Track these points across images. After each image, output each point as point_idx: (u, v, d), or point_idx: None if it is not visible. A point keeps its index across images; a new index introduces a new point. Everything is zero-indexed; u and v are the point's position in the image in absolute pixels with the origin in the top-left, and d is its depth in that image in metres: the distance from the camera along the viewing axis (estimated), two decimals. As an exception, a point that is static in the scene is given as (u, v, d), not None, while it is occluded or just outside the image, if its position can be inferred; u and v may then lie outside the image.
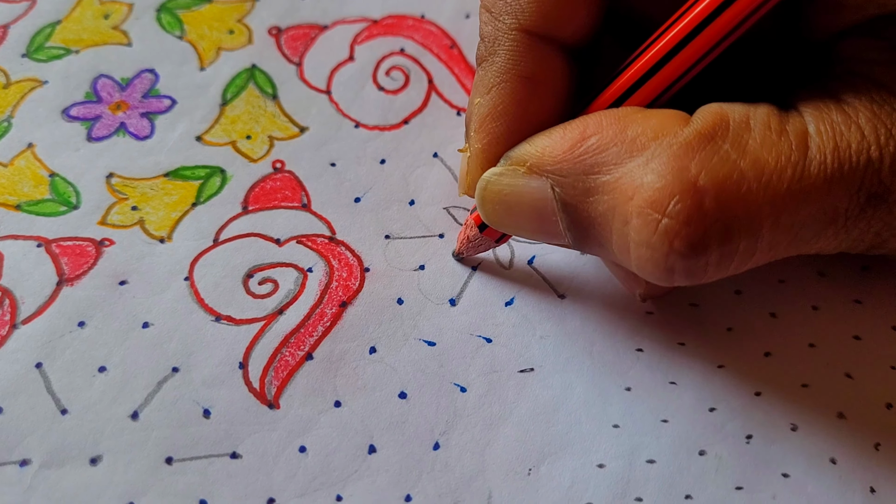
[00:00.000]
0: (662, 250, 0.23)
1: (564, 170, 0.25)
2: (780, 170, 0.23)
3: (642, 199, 0.23)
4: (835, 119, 0.24)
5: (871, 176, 0.23)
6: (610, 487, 0.27)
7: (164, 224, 0.32)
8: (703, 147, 0.23)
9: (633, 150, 0.24)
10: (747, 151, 0.23)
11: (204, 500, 0.26)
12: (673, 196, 0.23)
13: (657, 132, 0.24)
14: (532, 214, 0.26)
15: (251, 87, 0.36)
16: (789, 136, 0.23)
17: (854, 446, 0.28)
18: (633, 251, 0.24)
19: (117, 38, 0.37)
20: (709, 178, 0.23)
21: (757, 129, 0.24)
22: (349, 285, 0.31)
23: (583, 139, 0.25)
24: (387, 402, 0.28)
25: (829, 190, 0.23)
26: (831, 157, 0.23)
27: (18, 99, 0.35)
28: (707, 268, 0.24)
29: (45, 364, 0.28)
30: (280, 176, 0.33)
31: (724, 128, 0.24)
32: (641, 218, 0.23)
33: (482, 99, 0.27)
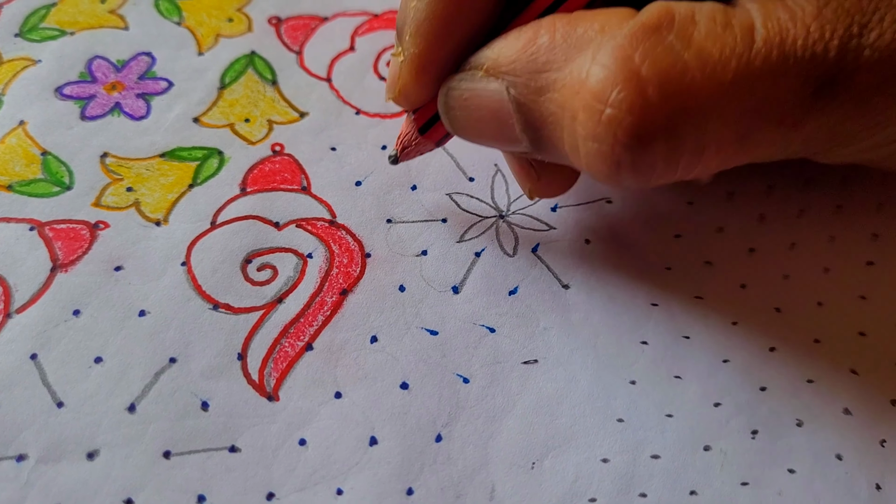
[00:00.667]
0: (608, 141, 0.23)
1: (518, 69, 0.25)
2: (724, 60, 0.23)
3: (587, 91, 0.23)
4: (780, 16, 0.24)
5: (817, 69, 0.23)
6: (614, 482, 0.27)
7: (160, 206, 0.31)
8: (648, 38, 0.23)
9: (581, 45, 0.24)
10: (692, 43, 0.23)
11: (202, 494, 0.26)
12: (616, 85, 0.23)
13: (603, 26, 0.24)
14: (491, 118, 0.26)
15: (250, 72, 0.35)
16: (734, 29, 0.23)
17: (860, 442, 0.28)
18: (581, 147, 0.24)
19: (114, 22, 0.36)
20: (652, 67, 0.23)
21: (702, 21, 0.24)
22: (350, 272, 0.30)
23: (535, 39, 0.25)
24: (388, 393, 0.28)
25: (774, 81, 0.23)
26: (777, 50, 0.23)
27: (10, 77, 0.34)
28: (654, 163, 0.24)
29: (39, 355, 0.28)
30: (279, 158, 0.33)
31: (669, 20, 0.23)
32: (587, 111, 0.23)
33: (418, 3, 0.26)
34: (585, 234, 0.31)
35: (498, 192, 0.32)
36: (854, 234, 0.32)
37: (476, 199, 0.32)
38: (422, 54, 0.27)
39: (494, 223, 0.32)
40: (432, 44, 0.27)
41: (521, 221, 0.32)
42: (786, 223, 0.32)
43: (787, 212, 0.32)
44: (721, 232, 0.31)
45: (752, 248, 0.31)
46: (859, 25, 0.23)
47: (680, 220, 0.32)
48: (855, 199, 0.32)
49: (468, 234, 0.31)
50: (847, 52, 0.23)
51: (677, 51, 0.23)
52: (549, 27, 0.25)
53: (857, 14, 0.24)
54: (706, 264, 0.31)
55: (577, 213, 0.32)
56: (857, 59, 0.23)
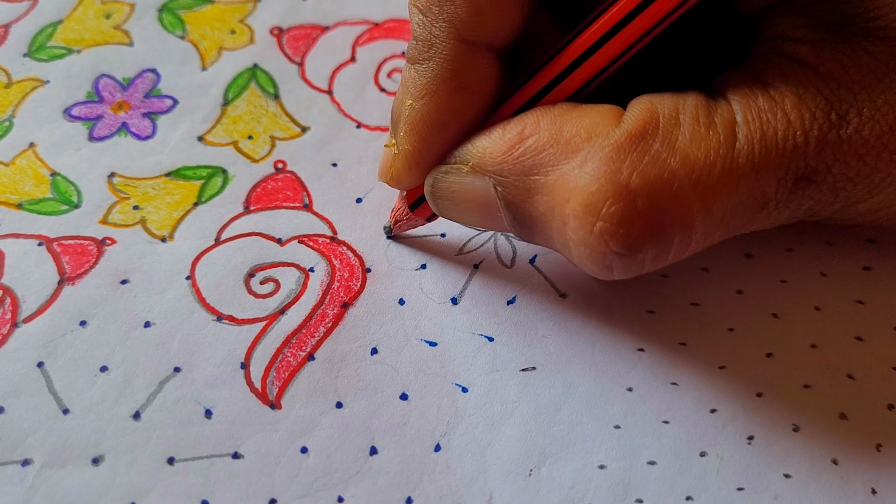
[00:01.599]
0: (599, 250, 0.24)
1: (505, 171, 0.26)
2: (709, 165, 0.24)
3: (577, 202, 0.24)
4: (761, 106, 0.24)
5: (798, 160, 0.24)
6: (611, 488, 0.27)
7: (165, 223, 0.32)
8: (635, 148, 0.24)
9: (569, 152, 0.25)
10: (677, 149, 0.24)
11: (206, 500, 0.26)
12: (606, 199, 0.24)
13: (590, 132, 0.25)
14: (479, 209, 0.27)
15: (253, 86, 0.36)
16: (717, 129, 0.24)
17: (856, 447, 0.28)
18: (573, 249, 0.25)
19: (119, 38, 0.37)
20: (640, 179, 0.24)
21: (686, 123, 0.24)
22: (351, 286, 0.31)
23: (520, 140, 0.26)
24: (388, 404, 0.28)
25: (758, 178, 0.24)
26: (759, 145, 0.24)
27: (20, 98, 0.35)
28: (644, 262, 0.25)
29: (46, 363, 0.28)
30: (282, 176, 0.33)
31: (654, 126, 0.24)
32: (577, 220, 0.24)
33: (415, 103, 0.27)
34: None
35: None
36: (851, 239, 0.32)
37: (475, 213, 0.33)
38: (415, 151, 0.28)
39: (492, 236, 0.32)
40: (425, 142, 0.28)
41: (520, 234, 0.32)
42: (782, 228, 0.31)
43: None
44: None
45: (749, 254, 0.32)
46: (838, 115, 0.24)
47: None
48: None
49: (467, 247, 0.32)
50: (826, 143, 0.24)
51: (664, 159, 0.24)
52: (534, 126, 0.26)
53: (835, 103, 0.24)
54: (702, 271, 0.31)
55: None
56: (835, 154, 0.24)
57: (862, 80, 0.24)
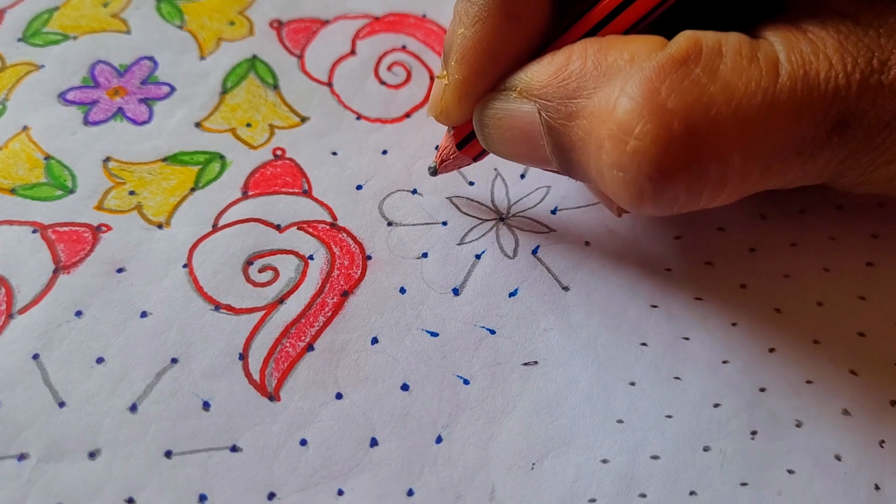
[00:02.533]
0: (632, 171, 0.24)
1: (549, 94, 0.26)
2: (749, 94, 0.24)
3: (614, 121, 0.24)
4: (804, 49, 0.24)
5: (839, 103, 0.24)
6: (614, 483, 0.27)
7: (162, 209, 0.31)
8: (675, 71, 0.24)
9: (610, 74, 0.25)
10: (718, 76, 0.24)
11: (204, 493, 0.26)
12: (642, 118, 0.23)
13: (633, 56, 0.25)
14: (523, 138, 0.27)
15: (252, 76, 0.35)
16: (760, 63, 0.24)
17: (859, 443, 0.28)
18: (606, 174, 0.25)
19: (116, 26, 0.36)
20: (678, 100, 0.23)
21: (729, 55, 0.24)
22: (351, 274, 0.30)
23: (567, 65, 0.26)
24: (389, 395, 0.28)
25: (798, 116, 0.24)
26: (801, 84, 0.24)
27: (14, 82, 0.34)
28: (677, 193, 0.24)
29: (42, 355, 0.28)
30: (280, 163, 0.33)
31: (696, 53, 0.24)
32: (612, 140, 0.24)
33: (466, 31, 0.27)
34: (585, 237, 0.31)
35: (498, 195, 0.33)
36: (854, 234, 0.32)
37: (476, 202, 0.32)
38: (465, 80, 0.28)
39: (495, 226, 0.32)
40: (476, 71, 0.28)
41: (522, 224, 0.32)
42: (786, 223, 0.32)
43: (787, 212, 0.32)
44: (721, 232, 0.32)
45: (753, 248, 0.31)
46: (879, 61, 0.24)
47: (680, 222, 0.32)
48: (855, 200, 0.32)
49: (468, 236, 0.31)
50: (867, 88, 0.24)
51: (704, 84, 0.24)
52: (580, 53, 0.26)
53: (876, 50, 0.24)
54: (706, 265, 0.31)
55: (576, 215, 0.32)
56: (874, 98, 0.24)
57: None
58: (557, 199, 0.32)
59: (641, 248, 0.31)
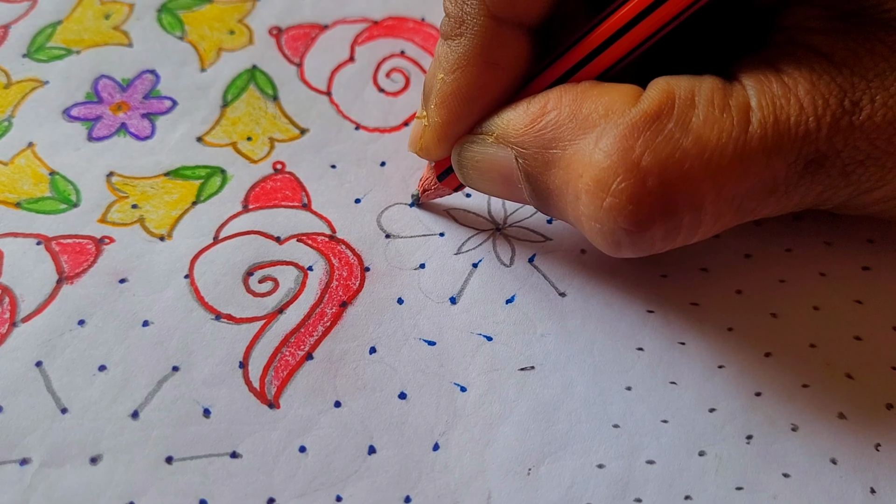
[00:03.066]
0: (609, 225, 0.25)
1: (526, 143, 0.26)
2: (721, 146, 0.24)
3: (589, 177, 0.25)
4: (775, 92, 0.25)
5: (809, 145, 0.24)
6: (609, 488, 0.27)
7: (164, 222, 0.32)
8: (649, 127, 0.24)
9: (586, 128, 0.25)
10: (690, 130, 0.24)
11: (204, 499, 0.26)
12: (617, 175, 0.24)
13: (608, 109, 0.25)
14: (501, 180, 0.28)
15: (252, 88, 0.36)
16: (731, 112, 0.24)
17: (855, 447, 0.28)
18: (584, 224, 0.26)
19: (118, 39, 0.37)
20: (652, 157, 0.24)
21: (701, 105, 0.25)
22: (349, 285, 0.31)
23: (542, 114, 0.26)
24: (387, 403, 0.28)
25: (769, 161, 0.24)
26: (771, 130, 0.24)
27: (19, 99, 0.35)
28: (653, 241, 0.25)
29: (45, 363, 0.28)
30: (280, 177, 0.33)
31: (669, 106, 0.25)
32: (589, 195, 0.25)
33: (446, 77, 0.28)
34: (581, 245, 0.32)
35: (494, 206, 0.33)
36: (850, 239, 0.32)
37: (473, 213, 0.33)
38: (444, 123, 0.29)
39: (491, 235, 0.32)
40: (454, 115, 0.28)
41: (518, 234, 0.32)
42: (782, 229, 0.32)
43: (783, 217, 0.32)
44: (717, 238, 0.32)
45: (748, 254, 0.31)
46: (851, 102, 0.25)
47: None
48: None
49: (465, 246, 0.32)
50: (838, 129, 0.24)
51: (676, 139, 0.24)
52: (556, 102, 0.26)
53: (849, 90, 0.25)
54: (702, 271, 0.31)
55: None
56: (846, 138, 0.25)
57: (875, 68, 0.25)
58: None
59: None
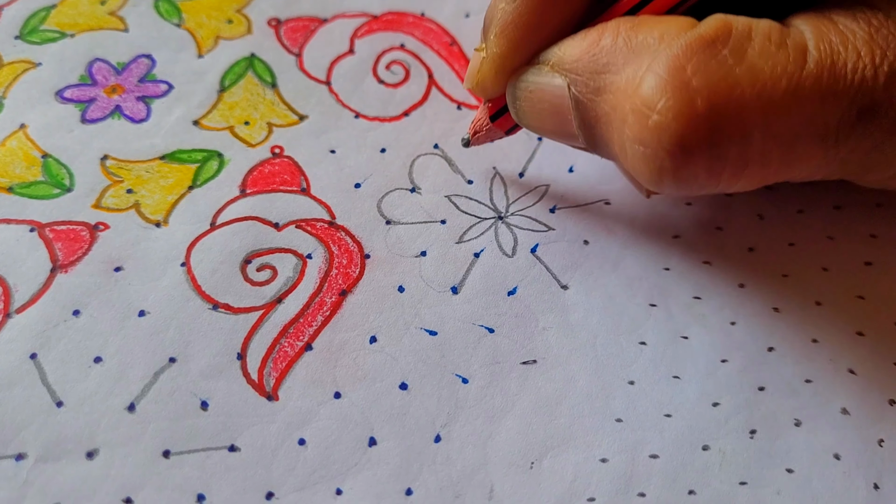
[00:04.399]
0: (653, 146, 0.24)
1: (579, 68, 0.26)
2: (774, 78, 0.24)
3: (638, 96, 0.24)
4: (833, 39, 0.24)
5: (865, 93, 0.24)
6: (613, 482, 0.27)
7: (159, 208, 0.31)
8: (703, 50, 0.24)
9: (639, 52, 0.25)
10: (745, 59, 0.24)
11: (202, 493, 0.26)
12: (665, 93, 0.24)
13: (662, 35, 0.25)
14: (552, 111, 0.28)
15: (250, 75, 0.35)
16: (788, 49, 0.24)
17: (858, 442, 0.28)
18: (628, 149, 0.25)
19: (114, 24, 0.36)
20: (703, 79, 0.24)
21: (758, 39, 0.24)
22: (349, 273, 0.30)
23: (598, 41, 0.26)
24: (387, 394, 0.28)
25: (822, 102, 0.24)
26: (828, 72, 0.24)
27: (11, 80, 0.34)
28: (697, 172, 0.25)
29: (39, 355, 0.28)
30: (279, 161, 0.33)
31: (725, 34, 0.24)
32: (635, 115, 0.24)
33: (507, 5, 0.28)
34: (584, 236, 0.31)
35: (496, 194, 0.32)
36: (852, 234, 0.32)
37: (475, 200, 0.32)
38: (503, 55, 0.28)
39: (493, 224, 0.32)
40: (514, 46, 0.28)
41: (520, 223, 0.32)
42: (785, 222, 0.32)
43: (786, 211, 0.32)
44: (720, 231, 0.32)
45: (752, 248, 0.31)
46: None
47: (678, 221, 0.32)
48: (853, 200, 0.32)
49: (467, 234, 0.31)
50: (895, 80, 0.24)
51: (730, 65, 0.24)
52: (613, 30, 0.26)
53: None
54: (704, 264, 0.31)
55: (575, 214, 0.32)
56: None
57: None
58: (556, 198, 0.32)
59: (640, 246, 0.31)
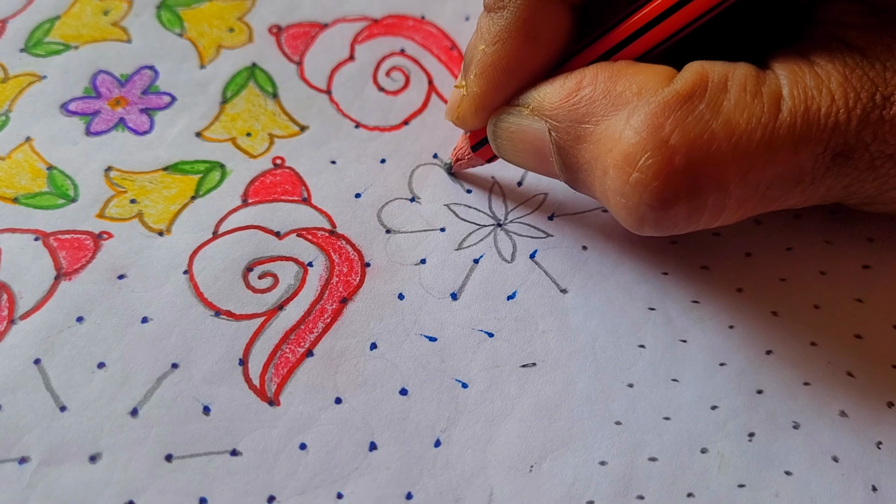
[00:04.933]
0: (634, 199, 0.25)
1: (560, 116, 0.27)
2: (749, 131, 0.24)
3: (618, 152, 0.25)
4: (808, 83, 0.25)
5: (838, 137, 0.25)
6: (612, 485, 0.27)
7: (162, 217, 0.32)
8: (680, 107, 0.25)
9: (619, 104, 0.26)
10: (721, 112, 0.25)
11: (204, 497, 0.26)
12: (645, 152, 0.24)
13: (641, 88, 0.26)
14: (533, 152, 0.29)
15: (251, 85, 0.35)
16: (763, 99, 0.25)
17: (856, 445, 0.28)
18: (610, 199, 0.26)
19: (117, 35, 0.36)
20: (681, 136, 0.24)
21: (733, 90, 0.25)
22: (350, 281, 0.31)
23: (578, 89, 0.27)
24: (388, 399, 0.28)
25: (796, 151, 0.25)
26: (801, 119, 0.24)
27: (17, 93, 0.34)
28: (676, 220, 0.25)
29: (43, 360, 0.28)
30: (280, 171, 0.33)
31: (702, 88, 0.25)
32: (616, 169, 0.25)
33: (487, 48, 0.28)
34: (582, 241, 0.32)
35: (495, 202, 0.33)
36: (850, 237, 0.32)
37: (474, 209, 0.33)
38: (482, 94, 0.29)
39: (492, 231, 0.32)
40: (493, 86, 0.29)
41: (519, 229, 0.32)
42: (782, 227, 0.32)
43: (783, 215, 0.32)
44: (717, 236, 0.32)
45: (749, 253, 0.31)
46: (882, 96, 0.25)
47: (676, 227, 0.32)
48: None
49: (466, 241, 0.32)
50: (868, 123, 0.25)
51: (706, 120, 0.24)
52: (592, 78, 0.27)
53: (880, 85, 0.25)
54: (702, 269, 0.31)
55: (573, 221, 0.32)
56: (875, 132, 0.25)
57: None
58: (554, 206, 0.33)
59: (638, 252, 0.31)
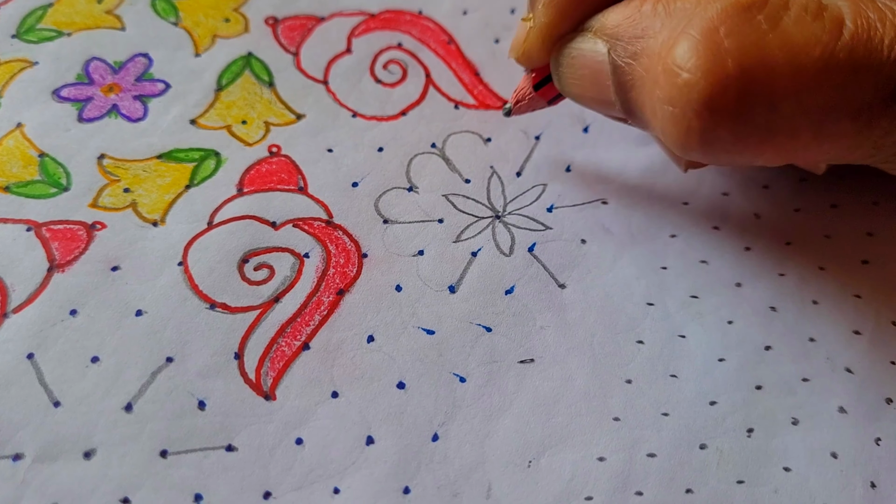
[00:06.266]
0: (681, 104, 0.24)
1: (619, 33, 0.26)
2: (808, 48, 0.23)
3: (670, 57, 0.24)
4: (871, 16, 0.24)
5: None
6: (610, 481, 0.27)
7: (157, 207, 0.31)
8: (738, 14, 0.24)
9: (677, 16, 0.25)
10: (779, 25, 0.24)
11: (199, 493, 0.26)
12: (696, 53, 0.24)
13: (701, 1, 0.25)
14: (592, 78, 0.28)
15: (247, 74, 0.35)
16: (824, 20, 0.24)
17: (855, 441, 0.28)
18: (658, 110, 0.25)
19: (111, 23, 0.36)
20: (735, 41, 0.24)
21: (794, 8, 0.24)
22: (346, 272, 0.30)
23: (640, 7, 0.26)
24: (385, 393, 0.28)
25: (855, 76, 0.24)
26: (863, 46, 0.24)
27: (7, 79, 0.34)
28: (723, 134, 0.24)
29: (36, 354, 0.28)
30: (276, 160, 0.33)
31: (762, 1, 0.24)
32: (666, 74, 0.24)
33: None
34: (581, 234, 0.31)
35: (494, 193, 0.32)
36: (849, 232, 0.32)
37: (472, 199, 0.32)
38: (550, 23, 0.29)
39: (491, 223, 0.32)
40: (561, 15, 0.28)
41: (518, 222, 0.32)
42: (781, 221, 0.32)
43: (782, 210, 0.32)
44: (717, 230, 0.32)
45: (748, 247, 0.31)
46: None
47: (676, 220, 0.32)
48: (850, 198, 0.32)
49: (465, 233, 0.31)
50: None
51: (763, 30, 0.24)
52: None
53: None
54: (701, 263, 0.31)
55: (573, 213, 0.32)
56: None
57: None
58: (553, 197, 0.32)
59: (637, 245, 0.31)
